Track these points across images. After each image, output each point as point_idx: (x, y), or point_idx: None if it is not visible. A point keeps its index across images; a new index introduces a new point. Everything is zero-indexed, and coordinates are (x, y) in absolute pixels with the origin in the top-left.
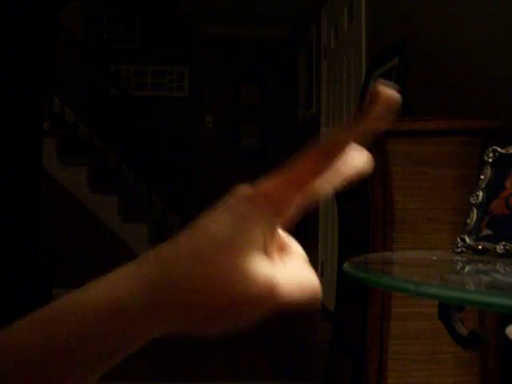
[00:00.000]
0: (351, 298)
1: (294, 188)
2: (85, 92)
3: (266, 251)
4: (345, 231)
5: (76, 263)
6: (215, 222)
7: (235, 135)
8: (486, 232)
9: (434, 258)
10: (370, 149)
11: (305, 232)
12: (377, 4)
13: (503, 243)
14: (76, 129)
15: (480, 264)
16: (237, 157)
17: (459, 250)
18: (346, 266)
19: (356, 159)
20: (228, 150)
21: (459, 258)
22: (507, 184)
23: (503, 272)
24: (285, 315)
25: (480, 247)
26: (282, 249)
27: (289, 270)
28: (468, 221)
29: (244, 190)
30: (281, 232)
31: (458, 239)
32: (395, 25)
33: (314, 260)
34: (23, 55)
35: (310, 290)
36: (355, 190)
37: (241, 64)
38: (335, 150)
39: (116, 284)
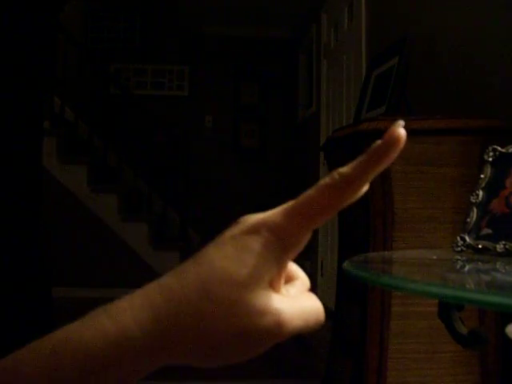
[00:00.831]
0: (351, 297)
1: (305, 223)
2: (85, 91)
3: (273, 285)
4: (345, 230)
5: (76, 262)
6: (221, 256)
7: (235, 135)
8: (486, 231)
9: (434, 257)
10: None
11: None
12: (377, 4)
13: (503, 242)
14: (76, 128)
15: (480, 263)
16: (237, 156)
17: (459, 249)
18: (346, 265)
19: None
20: (228, 149)
21: (459, 257)
22: (507, 183)
23: (503, 271)
24: None
25: (480, 246)
26: (287, 278)
27: (294, 301)
28: (468, 220)
29: (251, 220)
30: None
31: (458, 238)
32: (395, 25)
33: (314, 259)
34: (23, 55)
35: (314, 320)
36: None
37: (241, 64)
38: (350, 190)
39: (121, 314)
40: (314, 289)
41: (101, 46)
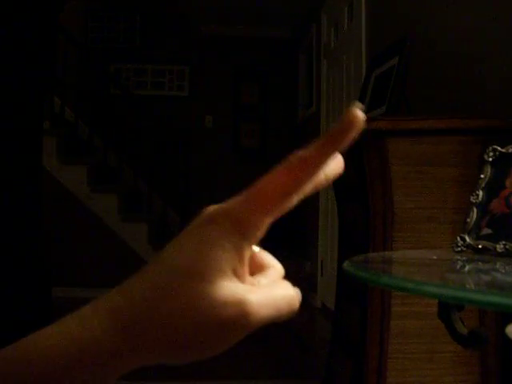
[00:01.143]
0: (351, 297)
1: (263, 208)
2: (85, 91)
3: (237, 274)
4: (345, 230)
5: (76, 262)
6: (178, 251)
7: (235, 135)
8: (486, 231)
9: (434, 257)
10: (369, 149)
11: (304, 231)
12: (377, 4)
13: (503, 242)
14: (76, 128)
15: (480, 263)
16: (237, 156)
17: (459, 249)
18: (346, 265)
19: (327, 167)
20: (228, 149)
21: (459, 257)
22: (507, 183)
23: (503, 271)
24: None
25: (480, 246)
26: (257, 267)
27: (263, 289)
28: (468, 220)
29: (209, 211)
30: (254, 250)
31: (458, 238)
32: (395, 25)
33: (314, 259)
34: (23, 55)
35: (285, 306)
36: (355, 190)
37: (241, 64)
38: (307, 172)
39: (87, 319)
40: (314, 289)
41: (101, 45)
